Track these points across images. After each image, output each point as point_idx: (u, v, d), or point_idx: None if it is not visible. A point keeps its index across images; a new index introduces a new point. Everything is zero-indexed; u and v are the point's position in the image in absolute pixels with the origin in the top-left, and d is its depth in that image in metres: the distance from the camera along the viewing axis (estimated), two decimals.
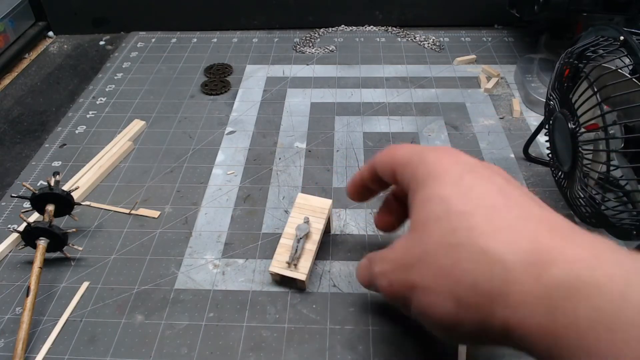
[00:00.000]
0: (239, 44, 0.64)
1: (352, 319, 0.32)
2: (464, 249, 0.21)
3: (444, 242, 0.22)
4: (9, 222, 0.41)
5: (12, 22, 0.64)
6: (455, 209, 0.22)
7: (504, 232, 0.21)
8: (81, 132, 0.50)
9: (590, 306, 0.17)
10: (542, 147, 0.45)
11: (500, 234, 0.21)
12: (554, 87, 0.36)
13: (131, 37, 0.67)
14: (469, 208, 0.22)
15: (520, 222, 0.21)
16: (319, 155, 0.46)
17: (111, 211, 0.41)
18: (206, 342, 0.31)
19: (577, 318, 0.17)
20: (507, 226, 0.21)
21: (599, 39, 0.32)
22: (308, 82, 0.56)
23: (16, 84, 0.59)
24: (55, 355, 0.31)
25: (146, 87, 0.57)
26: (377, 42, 0.64)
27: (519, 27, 0.65)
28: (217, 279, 0.35)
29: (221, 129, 0.50)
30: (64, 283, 0.36)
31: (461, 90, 0.54)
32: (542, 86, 0.51)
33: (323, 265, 0.36)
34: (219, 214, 0.40)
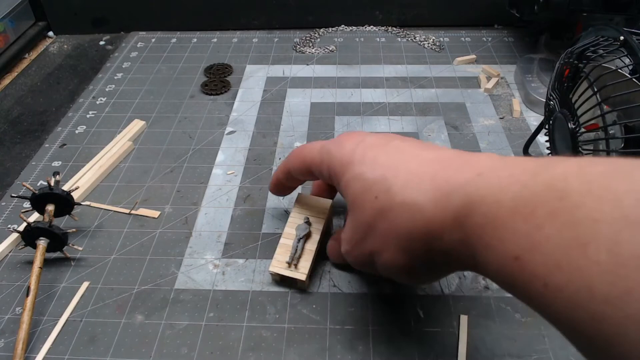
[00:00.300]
0: (239, 44, 0.64)
1: (352, 319, 0.32)
2: (389, 209, 0.25)
3: (374, 210, 0.26)
4: (9, 222, 0.41)
5: (12, 22, 0.64)
6: (371, 180, 0.27)
7: (411, 182, 0.25)
8: (81, 132, 0.50)
9: (479, 214, 0.21)
10: (542, 147, 0.45)
11: (408, 185, 0.25)
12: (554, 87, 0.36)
13: (131, 37, 0.67)
14: (380, 174, 0.26)
15: (419, 169, 0.25)
16: None
17: (111, 211, 0.41)
18: (206, 342, 0.31)
19: (474, 226, 0.22)
20: (411, 177, 0.25)
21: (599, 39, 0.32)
22: (308, 82, 0.56)
23: (16, 84, 0.59)
24: (55, 355, 0.31)
25: (146, 87, 0.57)
26: (377, 42, 0.64)
27: (519, 27, 0.65)
28: (217, 279, 0.35)
29: (221, 129, 0.50)
30: (64, 283, 0.36)
31: (461, 90, 0.54)
32: (542, 86, 0.51)
33: (323, 265, 0.36)
34: (219, 214, 0.40)
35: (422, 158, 0.26)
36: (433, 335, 0.31)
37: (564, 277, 0.17)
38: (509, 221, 0.20)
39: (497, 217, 0.21)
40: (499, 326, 0.32)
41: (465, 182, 0.23)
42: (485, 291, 0.34)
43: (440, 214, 0.23)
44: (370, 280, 0.35)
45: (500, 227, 0.20)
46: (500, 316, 0.32)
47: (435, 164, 0.25)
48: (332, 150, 0.30)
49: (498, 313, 0.32)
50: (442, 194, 0.23)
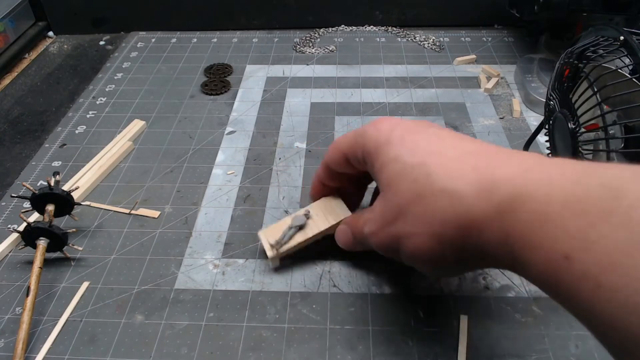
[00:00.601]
0: (239, 44, 0.64)
1: (352, 319, 0.32)
2: (428, 193, 0.25)
3: (410, 193, 0.26)
4: (9, 222, 0.41)
5: (12, 22, 0.64)
6: (410, 163, 0.26)
7: (453, 171, 0.24)
8: (81, 132, 0.50)
9: (526, 210, 0.21)
10: (542, 147, 0.45)
11: (450, 173, 0.24)
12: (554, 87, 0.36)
13: (131, 37, 0.67)
14: (420, 159, 0.26)
15: (462, 158, 0.25)
16: (319, 155, 0.46)
17: (111, 211, 0.41)
18: (206, 342, 0.31)
19: (519, 222, 0.21)
20: (453, 165, 0.25)
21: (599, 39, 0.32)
22: (308, 82, 0.56)
23: (16, 84, 0.59)
24: (55, 355, 0.31)
25: (146, 87, 0.57)
26: (377, 42, 0.64)
27: (519, 27, 0.65)
28: (217, 279, 0.35)
29: (221, 129, 0.50)
30: (64, 283, 0.36)
31: (461, 90, 0.54)
32: (542, 86, 0.51)
33: (323, 265, 0.36)
34: (219, 214, 0.40)
35: (463, 148, 0.25)
36: (433, 335, 0.31)
37: (620, 278, 0.17)
38: (560, 218, 0.19)
39: (546, 213, 0.20)
40: (499, 326, 0.32)
41: (513, 176, 0.22)
42: (485, 291, 0.34)
43: (482, 206, 0.23)
44: (370, 280, 0.35)
45: (549, 224, 0.20)
46: (500, 316, 0.32)
47: (477, 156, 0.25)
48: (367, 131, 0.29)
49: (498, 313, 0.32)
50: (485, 186, 0.23)
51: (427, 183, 0.25)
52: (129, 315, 0.33)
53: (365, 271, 0.35)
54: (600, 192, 0.19)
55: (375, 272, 0.35)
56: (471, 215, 0.23)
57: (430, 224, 0.25)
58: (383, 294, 0.34)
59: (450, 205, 0.24)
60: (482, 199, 0.23)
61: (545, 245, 0.20)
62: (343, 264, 0.36)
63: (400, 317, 0.32)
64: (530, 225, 0.20)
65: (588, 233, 0.18)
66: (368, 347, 0.31)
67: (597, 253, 0.18)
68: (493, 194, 0.22)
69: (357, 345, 0.31)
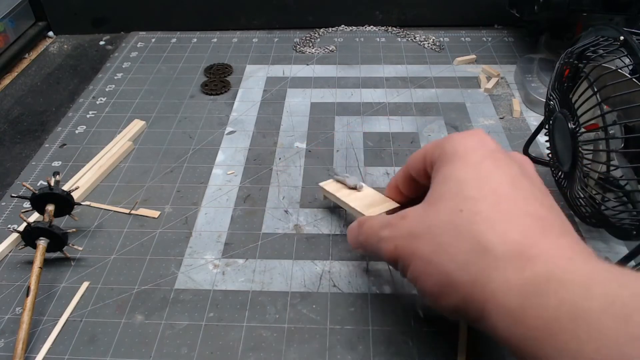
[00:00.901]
0: (239, 44, 0.64)
1: (352, 319, 0.32)
2: (464, 230, 0.23)
3: (449, 220, 0.24)
4: (9, 222, 0.41)
5: (12, 22, 0.64)
6: (467, 193, 0.24)
7: (502, 223, 0.22)
8: (81, 132, 0.50)
9: (557, 299, 0.18)
10: (542, 147, 0.45)
11: (498, 224, 0.22)
12: (554, 87, 0.36)
13: (131, 37, 0.67)
14: (480, 194, 0.24)
15: (519, 216, 0.23)
16: (319, 155, 0.46)
17: (111, 211, 0.41)
18: (206, 342, 0.31)
19: (545, 309, 0.19)
20: (507, 218, 0.23)
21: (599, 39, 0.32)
22: (308, 82, 0.56)
23: (16, 84, 0.59)
24: (55, 355, 0.31)
25: (146, 87, 0.57)
26: (377, 42, 0.64)
27: (519, 27, 0.65)
28: (217, 279, 0.35)
29: (221, 129, 0.50)
30: (64, 283, 0.36)
31: (461, 90, 0.54)
32: (542, 86, 0.51)
33: (323, 265, 0.36)
34: (219, 214, 0.40)
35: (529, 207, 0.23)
36: (433, 335, 0.31)
37: None
38: (596, 319, 0.17)
39: (582, 309, 0.17)
40: None
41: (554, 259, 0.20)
42: None
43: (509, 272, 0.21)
44: (370, 280, 0.35)
45: (582, 322, 0.17)
46: None
47: (536, 222, 0.22)
48: (453, 136, 0.27)
49: None
50: (523, 255, 0.21)
51: (469, 220, 0.23)
52: (129, 315, 0.33)
53: (365, 271, 0.35)
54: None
55: (375, 272, 0.35)
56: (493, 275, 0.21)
57: (449, 259, 0.23)
58: (383, 294, 0.34)
59: (478, 254, 0.22)
60: (512, 266, 0.21)
61: (572, 346, 0.17)
62: (343, 264, 0.36)
63: (400, 317, 0.32)
64: (559, 316, 0.18)
65: (626, 346, 0.16)
66: (368, 347, 0.31)
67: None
68: (526, 267, 0.20)
69: (357, 345, 0.31)
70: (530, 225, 0.22)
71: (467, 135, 0.27)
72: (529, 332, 0.19)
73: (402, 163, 0.35)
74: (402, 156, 0.45)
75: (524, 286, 0.20)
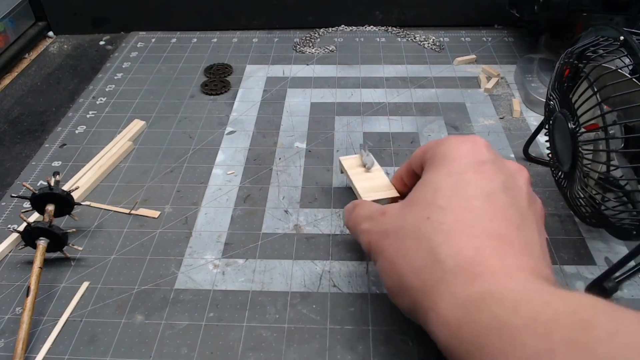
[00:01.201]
0: (239, 44, 0.64)
1: (352, 319, 0.32)
2: (425, 238, 0.24)
3: (416, 226, 0.25)
4: (9, 222, 0.41)
5: (12, 22, 0.64)
6: (438, 202, 0.25)
7: (459, 238, 0.23)
8: (81, 132, 0.50)
9: (489, 314, 0.20)
10: (542, 147, 0.45)
11: (455, 238, 0.23)
12: (554, 87, 0.36)
13: (131, 37, 0.67)
14: (449, 205, 0.24)
15: (478, 233, 0.23)
16: (319, 155, 0.46)
17: (111, 211, 0.41)
18: (206, 342, 0.31)
19: (478, 324, 0.20)
20: (465, 233, 0.23)
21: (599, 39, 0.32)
22: (308, 82, 0.56)
23: (16, 84, 0.59)
24: (55, 355, 0.31)
25: (146, 87, 0.57)
26: (377, 42, 0.64)
27: (519, 27, 0.65)
28: (217, 279, 0.35)
29: (221, 129, 0.50)
30: (64, 283, 0.36)
31: (461, 90, 0.54)
32: (542, 86, 0.51)
33: (323, 265, 0.36)
34: (219, 214, 0.40)
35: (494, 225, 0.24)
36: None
37: None
38: (519, 334, 0.18)
39: (508, 325, 0.19)
40: None
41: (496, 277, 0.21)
42: None
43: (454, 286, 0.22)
44: (370, 280, 0.35)
45: (507, 336, 0.19)
46: None
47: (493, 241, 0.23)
48: (448, 138, 0.28)
49: None
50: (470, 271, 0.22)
51: (433, 229, 0.24)
52: (129, 315, 0.33)
53: (365, 271, 0.35)
54: (569, 319, 0.18)
55: (375, 272, 0.35)
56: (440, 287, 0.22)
57: (406, 263, 0.24)
58: (383, 294, 0.34)
59: (430, 263, 0.23)
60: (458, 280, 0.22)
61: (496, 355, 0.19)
62: (343, 264, 0.36)
63: (400, 317, 0.32)
64: (489, 331, 0.19)
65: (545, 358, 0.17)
66: (368, 347, 0.31)
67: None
68: (471, 282, 0.21)
69: (357, 345, 0.31)
70: (485, 243, 0.23)
71: (461, 141, 0.27)
72: (462, 344, 0.20)
73: (402, 163, 0.35)
74: (402, 156, 0.45)
75: (463, 301, 0.21)
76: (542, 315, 0.18)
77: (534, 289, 0.20)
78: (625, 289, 0.34)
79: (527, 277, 0.21)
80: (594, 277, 0.33)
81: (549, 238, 0.37)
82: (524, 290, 0.20)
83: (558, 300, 0.19)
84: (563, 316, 0.18)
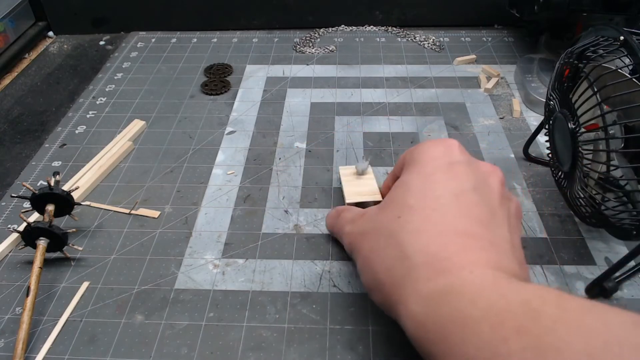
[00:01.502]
0: (239, 44, 0.64)
1: (352, 319, 0.32)
2: (395, 236, 0.25)
3: (388, 225, 0.26)
4: (9, 222, 0.41)
5: (12, 22, 0.64)
6: (408, 201, 0.26)
7: (426, 235, 0.24)
8: (81, 132, 0.50)
9: (450, 307, 0.21)
10: (542, 147, 0.45)
11: (422, 236, 0.24)
12: (554, 87, 0.36)
13: (131, 37, 0.67)
14: (418, 204, 0.25)
15: (445, 231, 0.24)
16: (319, 155, 0.46)
17: (111, 211, 0.41)
18: (206, 342, 0.31)
19: (441, 316, 0.21)
20: (433, 231, 0.24)
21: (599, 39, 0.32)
22: (308, 82, 0.56)
23: (16, 84, 0.59)
24: (55, 355, 0.31)
25: (146, 87, 0.57)
26: (377, 42, 0.64)
27: (519, 27, 0.65)
28: (217, 279, 0.35)
29: (221, 129, 0.50)
30: (64, 283, 0.36)
31: (461, 90, 0.54)
32: (542, 86, 0.51)
33: (323, 265, 0.36)
34: (219, 214, 0.40)
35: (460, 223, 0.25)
36: None
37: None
38: (477, 325, 0.20)
39: (467, 316, 0.20)
40: None
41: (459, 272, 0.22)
42: None
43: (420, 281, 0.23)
44: None
45: (466, 327, 0.20)
46: None
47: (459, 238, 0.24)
48: (423, 143, 0.29)
49: None
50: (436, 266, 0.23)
51: (401, 228, 0.25)
52: (129, 315, 0.33)
53: None
54: (520, 309, 0.19)
55: None
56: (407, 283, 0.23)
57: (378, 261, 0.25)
58: None
59: (399, 260, 0.24)
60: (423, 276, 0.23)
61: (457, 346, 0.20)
62: (343, 264, 0.36)
63: None
64: (450, 323, 0.21)
65: (498, 347, 0.18)
66: (368, 347, 0.31)
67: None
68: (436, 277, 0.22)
69: (357, 345, 0.31)
70: (451, 240, 0.24)
71: (433, 144, 0.28)
72: (427, 335, 0.22)
73: None
74: None
75: (429, 294, 0.22)
76: (497, 306, 0.20)
77: (492, 282, 0.21)
78: (625, 289, 0.34)
79: (487, 271, 0.22)
80: (594, 277, 0.34)
81: (549, 238, 0.37)
82: (482, 283, 0.21)
83: (512, 292, 0.20)
84: (515, 306, 0.19)
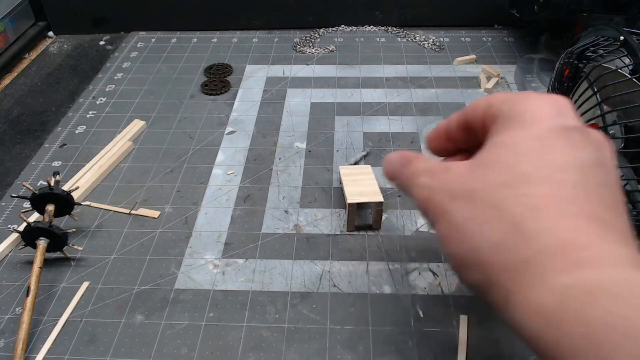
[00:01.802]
0: (239, 44, 0.64)
1: (352, 319, 0.32)
2: (506, 209, 0.20)
3: (493, 192, 0.21)
4: (9, 222, 0.41)
5: (12, 22, 0.64)
6: (523, 169, 0.21)
7: (554, 216, 0.20)
8: (81, 132, 0.50)
9: (605, 310, 0.17)
10: None
11: (547, 215, 0.20)
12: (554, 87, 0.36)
13: (131, 37, 0.67)
14: (537, 175, 0.20)
15: (575, 214, 0.20)
16: (319, 155, 0.46)
17: (111, 211, 0.41)
18: (206, 342, 0.31)
19: (591, 318, 0.17)
20: (559, 212, 0.20)
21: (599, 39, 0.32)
22: (308, 82, 0.56)
23: (16, 84, 0.59)
24: (55, 355, 0.31)
25: (146, 87, 0.57)
26: (377, 42, 0.64)
27: (519, 27, 0.65)
28: (217, 279, 0.35)
29: (221, 129, 0.50)
30: (64, 283, 0.36)
31: (461, 90, 0.54)
32: (542, 86, 0.51)
33: (323, 265, 0.36)
34: (219, 214, 0.40)
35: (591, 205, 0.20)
36: (433, 335, 0.31)
37: None
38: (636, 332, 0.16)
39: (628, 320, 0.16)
40: (499, 326, 0.32)
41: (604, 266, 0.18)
42: None
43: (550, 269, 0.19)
44: (370, 280, 0.35)
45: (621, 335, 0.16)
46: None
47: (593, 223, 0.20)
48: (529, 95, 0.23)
49: None
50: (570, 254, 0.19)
51: (516, 202, 0.20)
52: (129, 315, 0.33)
53: (365, 271, 0.35)
54: None
55: (375, 272, 0.35)
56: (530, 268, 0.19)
57: (480, 234, 0.21)
58: (383, 294, 0.34)
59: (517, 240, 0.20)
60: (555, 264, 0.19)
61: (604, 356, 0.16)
62: (343, 264, 0.36)
63: (400, 317, 0.32)
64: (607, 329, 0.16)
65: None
66: (368, 347, 0.31)
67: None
68: (571, 268, 0.18)
69: (357, 345, 0.31)
70: (586, 226, 0.20)
71: (541, 99, 0.23)
72: (565, 338, 0.17)
73: None
74: None
75: (566, 288, 0.18)
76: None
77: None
78: None
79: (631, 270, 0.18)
80: None
81: None
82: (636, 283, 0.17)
83: None
84: None
